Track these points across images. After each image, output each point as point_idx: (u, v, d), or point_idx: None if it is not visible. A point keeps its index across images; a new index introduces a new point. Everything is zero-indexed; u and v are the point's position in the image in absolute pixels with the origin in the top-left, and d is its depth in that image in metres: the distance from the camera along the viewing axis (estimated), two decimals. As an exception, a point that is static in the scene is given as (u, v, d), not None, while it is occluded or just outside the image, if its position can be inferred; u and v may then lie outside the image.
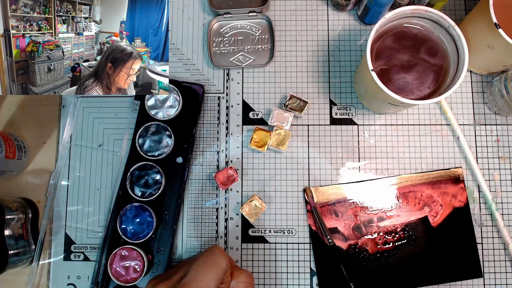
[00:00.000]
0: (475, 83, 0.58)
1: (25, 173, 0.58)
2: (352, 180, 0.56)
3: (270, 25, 0.59)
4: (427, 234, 0.54)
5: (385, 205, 0.55)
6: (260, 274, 0.55)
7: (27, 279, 0.55)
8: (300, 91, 0.58)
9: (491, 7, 0.47)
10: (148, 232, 0.53)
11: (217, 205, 0.56)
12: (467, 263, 0.54)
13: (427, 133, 0.57)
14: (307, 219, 0.55)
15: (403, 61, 0.50)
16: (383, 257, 0.54)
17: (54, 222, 0.56)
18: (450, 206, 0.55)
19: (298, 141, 0.57)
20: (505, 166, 0.56)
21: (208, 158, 0.57)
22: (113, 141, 0.58)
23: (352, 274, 0.53)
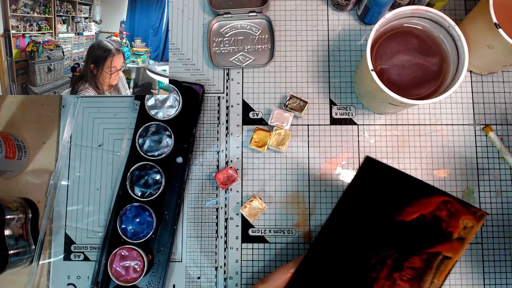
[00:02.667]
0: (475, 83, 0.58)
1: (25, 173, 0.58)
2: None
3: (270, 25, 0.59)
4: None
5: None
6: (260, 274, 0.55)
7: (27, 279, 0.55)
8: (300, 91, 0.58)
9: (491, 7, 0.47)
10: (148, 232, 0.53)
11: (217, 205, 0.56)
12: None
13: (427, 133, 0.57)
14: (307, 219, 0.55)
15: (403, 61, 0.50)
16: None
17: (54, 222, 0.56)
18: None
19: (298, 141, 0.57)
20: (505, 166, 0.56)
21: (208, 158, 0.57)
22: (113, 141, 0.58)
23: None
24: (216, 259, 0.55)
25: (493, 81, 0.58)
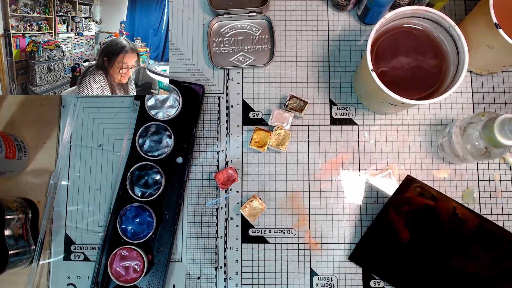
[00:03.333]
0: (475, 83, 0.58)
1: (25, 173, 0.58)
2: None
3: (270, 25, 0.59)
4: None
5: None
6: (260, 274, 0.55)
7: (27, 279, 0.55)
8: (300, 91, 0.58)
9: (491, 7, 0.46)
10: (148, 232, 0.53)
11: (217, 205, 0.56)
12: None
13: (427, 133, 0.57)
14: (307, 219, 0.55)
15: (403, 61, 0.50)
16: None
17: (54, 222, 0.56)
18: None
19: (298, 141, 0.57)
20: (505, 166, 0.56)
21: (208, 158, 0.57)
22: (113, 141, 0.58)
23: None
24: (216, 259, 0.55)
25: (493, 81, 0.58)
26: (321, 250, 0.55)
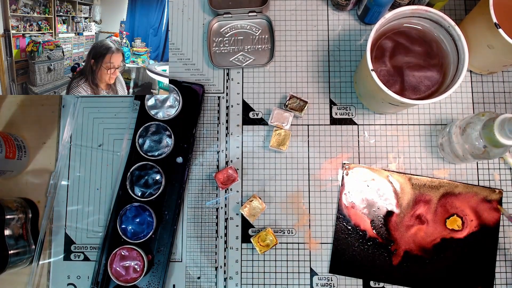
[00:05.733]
0: (475, 83, 0.58)
1: (25, 173, 0.58)
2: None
3: (270, 25, 0.59)
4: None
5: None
6: (260, 274, 0.55)
7: (27, 279, 0.55)
8: (300, 91, 0.58)
9: (491, 7, 0.47)
10: (148, 232, 0.53)
11: (217, 205, 0.56)
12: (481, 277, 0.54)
13: (427, 133, 0.57)
14: (307, 219, 0.55)
15: (403, 61, 0.50)
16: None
17: (54, 222, 0.56)
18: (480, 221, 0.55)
19: (298, 141, 0.57)
20: (505, 166, 0.56)
21: (208, 158, 0.57)
22: (113, 141, 0.58)
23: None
24: (216, 259, 0.55)
25: (493, 81, 0.58)
26: (321, 250, 0.55)
